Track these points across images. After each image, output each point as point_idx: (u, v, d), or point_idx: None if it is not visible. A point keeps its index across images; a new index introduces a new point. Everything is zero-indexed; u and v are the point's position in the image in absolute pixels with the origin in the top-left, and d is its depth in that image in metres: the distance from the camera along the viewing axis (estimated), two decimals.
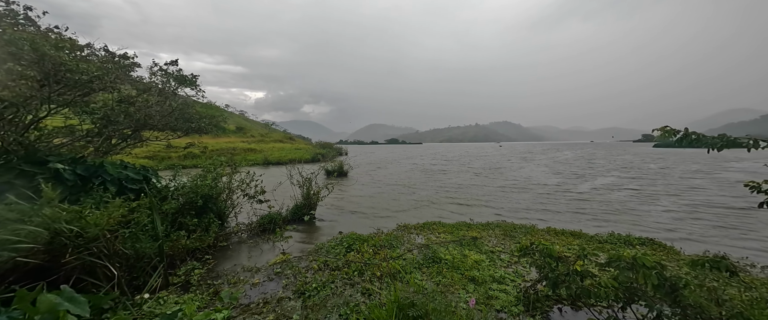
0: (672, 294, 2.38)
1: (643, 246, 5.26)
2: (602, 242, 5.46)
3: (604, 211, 8.60)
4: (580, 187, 12.93)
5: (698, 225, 6.99)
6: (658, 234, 6.13)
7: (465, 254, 4.65)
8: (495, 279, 3.88)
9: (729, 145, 2.85)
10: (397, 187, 13.29)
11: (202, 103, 8.85)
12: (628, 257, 2.61)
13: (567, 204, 9.55)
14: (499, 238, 5.77)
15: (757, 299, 2.43)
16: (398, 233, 6.10)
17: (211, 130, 7.51)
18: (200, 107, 8.01)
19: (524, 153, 49.22)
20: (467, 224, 6.83)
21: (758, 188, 2.83)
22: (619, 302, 2.65)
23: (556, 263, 3.03)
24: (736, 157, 26.50)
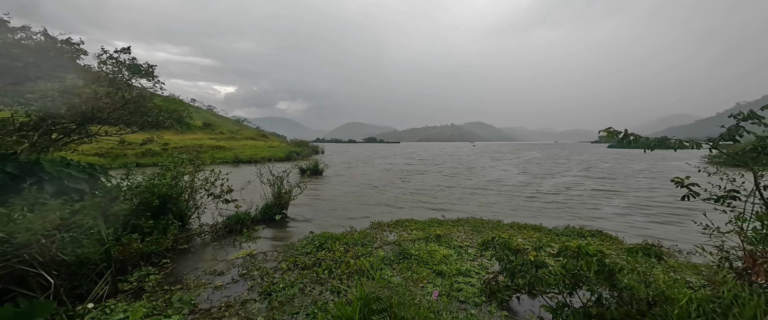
0: (610, 279, 2.65)
1: (593, 237, 5.77)
2: (559, 234, 5.90)
3: (563, 206, 9.30)
4: (544, 185, 13.86)
5: (641, 217, 7.81)
6: (607, 226, 6.77)
7: (434, 249, 4.80)
8: (461, 272, 4.05)
9: (659, 145, 3.23)
10: (373, 186, 13.33)
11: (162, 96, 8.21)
12: (574, 247, 2.87)
13: (531, 201, 10.19)
14: (468, 233, 6.02)
15: (677, 280, 2.78)
16: (371, 231, 6.13)
17: (172, 126, 7.01)
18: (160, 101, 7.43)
19: (495, 152, 51.64)
20: (439, 221, 7.04)
21: (681, 183, 3.23)
22: (568, 288, 2.90)
23: (513, 255, 3.24)
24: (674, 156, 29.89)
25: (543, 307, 3.01)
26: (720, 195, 3.01)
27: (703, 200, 3.14)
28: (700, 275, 2.98)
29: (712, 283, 2.58)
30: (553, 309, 2.79)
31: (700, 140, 3.17)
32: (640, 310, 2.42)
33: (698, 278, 3.00)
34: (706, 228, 3.06)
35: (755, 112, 2.85)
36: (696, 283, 2.75)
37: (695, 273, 3.31)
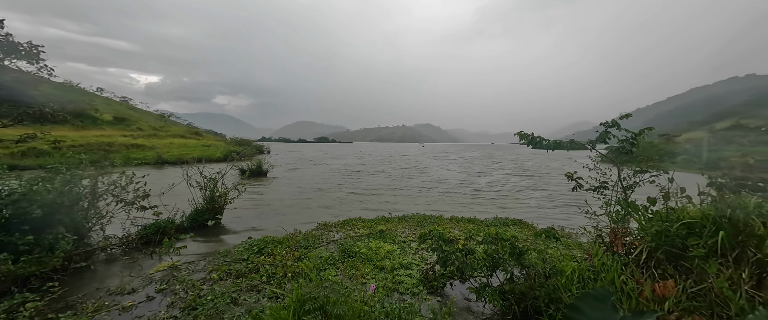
0: (519, 259, 3.13)
1: (515, 225, 6.68)
2: (488, 225, 6.67)
3: (495, 200, 10.51)
4: (480, 182, 15.43)
5: (552, 207, 9.33)
6: (527, 215, 7.90)
7: (379, 246, 4.94)
8: (403, 265, 4.27)
9: (557, 147, 3.91)
10: (321, 187, 13.01)
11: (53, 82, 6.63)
12: (493, 233, 3.31)
13: (469, 196, 11.26)
14: (412, 229, 6.35)
15: (567, 255, 3.43)
16: (317, 232, 5.99)
17: (66, 120, 5.74)
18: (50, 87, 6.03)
19: (442, 152, 55.39)
20: (385, 218, 7.26)
21: (571, 177, 3.97)
22: (489, 270, 3.31)
23: (446, 245, 3.56)
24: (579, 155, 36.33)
25: (469, 289, 3.38)
26: (596, 186, 3.81)
27: (586, 190, 3.93)
28: (582, 250, 3.74)
29: (590, 255, 3.26)
30: (477, 290, 3.16)
31: (583, 142, 3.94)
32: (539, 283, 2.91)
33: (581, 252, 3.76)
34: (587, 213, 3.84)
35: (616, 121, 3.68)
36: (579, 257, 3.43)
37: (580, 249, 4.12)
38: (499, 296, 2.94)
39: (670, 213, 2.97)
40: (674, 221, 2.90)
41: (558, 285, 2.80)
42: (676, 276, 2.67)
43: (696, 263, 2.60)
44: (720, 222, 2.65)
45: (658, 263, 2.86)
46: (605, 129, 3.74)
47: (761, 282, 2.49)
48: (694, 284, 2.52)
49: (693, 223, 2.83)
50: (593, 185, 3.85)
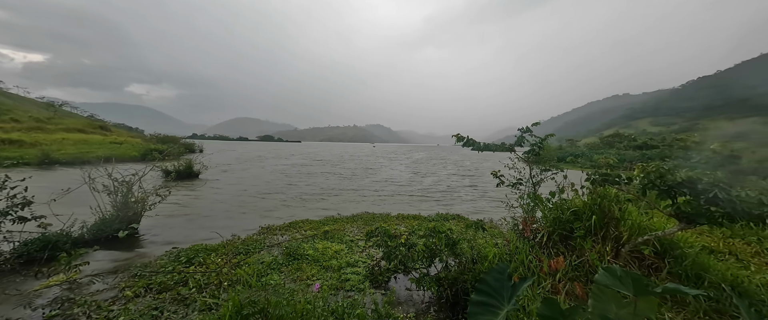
0: (453, 248, 3.53)
1: (453, 219, 7.37)
2: (430, 220, 7.21)
3: (438, 197, 11.37)
4: (426, 181, 16.47)
5: (484, 202, 10.54)
6: (464, 210, 8.79)
7: (326, 246, 4.92)
8: (350, 264, 4.35)
9: (486, 148, 4.48)
10: (265, 188, 12.18)
11: None
12: (431, 227, 3.65)
13: (415, 194, 11.93)
14: (360, 227, 6.47)
15: (490, 243, 3.98)
16: (259, 237, 5.64)
17: None
18: None
19: (392, 153, 57.05)
20: (334, 218, 7.23)
21: (496, 175, 4.59)
22: (427, 261, 3.64)
23: (391, 240, 3.78)
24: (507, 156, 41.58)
25: (410, 280, 3.66)
26: (513, 183, 4.51)
27: (506, 186, 4.61)
28: (503, 237, 4.39)
29: (507, 241, 3.86)
30: (417, 280, 3.44)
31: (507, 145, 4.59)
32: (468, 268, 3.33)
33: (501, 240, 4.41)
34: (507, 206, 4.52)
35: (529, 128, 4.41)
36: (500, 243, 4.02)
37: (501, 237, 4.83)
38: (435, 283, 3.26)
39: (562, 204, 3.73)
40: (566, 209, 3.66)
41: (482, 268, 3.25)
42: (566, 253, 3.38)
43: (578, 242, 3.33)
44: (593, 209, 3.44)
45: (554, 243, 3.57)
46: (521, 134, 4.46)
47: (618, 253, 3.32)
48: (577, 258, 3.23)
49: (578, 211, 3.61)
50: (511, 182, 4.54)
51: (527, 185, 4.48)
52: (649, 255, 3.15)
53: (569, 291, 2.77)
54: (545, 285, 2.93)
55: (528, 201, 4.23)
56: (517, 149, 4.60)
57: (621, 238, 3.33)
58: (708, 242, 3.92)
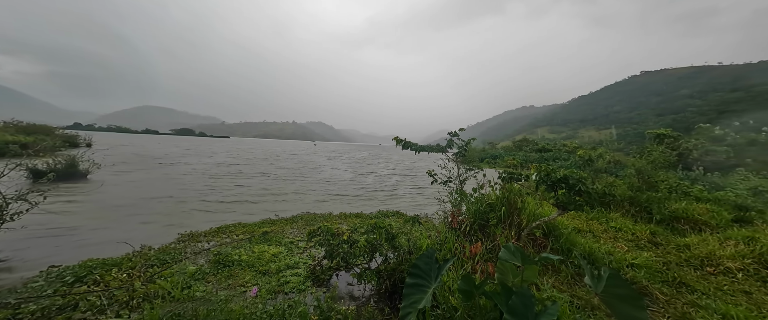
0: (392, 242, 3.81)
1: (393, 216, 7.80)
2: (372, 217, 7.49)
3: (379, 196, 11.77)
4: (368, 180, 16.82)
5: (424, 199, 11.42)
6: (403, 207, 9.37)
7: (263, 250, 4.64)
8: (290, 266, 4.22)
9: (422, 149, 4.92)
10: (181, 191, 10.57)
11: None
12: (372, 224, 3.86)
13: (357, 193, 12.10)
14: (301, 228, 6.28)
15: (424, 235, 4.43)
16: (178, 245, 4.93)
17: None
18: None
19: (334, 152, 56.08)
20: (271, 221, 6.81)
21: (430, 173, 5.09)
22: (369, 256, 3.83)
23: (333, 238, 3.83)
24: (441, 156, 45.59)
25: (352, 275, 3.79)
26: (444, 180, 5.09)
27: (439, 184, 5.16)
28: (435, 229, 4.94)
29: (439, 233, 4.36)
30: (358, 275, 3.60)
31: (440, 146, 5.12)
32: (405, 259, 3.65)
33: (434, 231, 4.95)
34: (439, 201, 5.08)
35: (457, 132, 5.03)
36: (433, 234, 4.51)
37: (434, 229, 5.40)
38: (376, 276, 3.47)
39: (481, 198, 4.42)
40: (483, 203, 4.34)
41: (416, 256, 3.61)
42: (483, 239, 4.03)
43: (492, 229, 4.01)
44: (503, 202, 4.19)
45: (474, 232, 4.20)
46: (451, 137, 5.07)
47: (519, 236, 4.12)
48: (490, 242, 3.89)
49: (492, 203, 4.33)
50: (442, 180, 5.12)
51: (455, 182, 5.11)
52: (539, 236, 4.02)
53: (484, 270, 3.33)
54: (467, 267, 3.46)
55: (456, 197, 4.84)
56: (449, 150, 5.21)
57: (522, 224, 4.16)
58: (577, 224, 5.20)
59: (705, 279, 3.46)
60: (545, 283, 2.91)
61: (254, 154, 34.43)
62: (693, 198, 6.95)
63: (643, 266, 3.62)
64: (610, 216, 5.63)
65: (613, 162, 10.47)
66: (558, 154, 33.50)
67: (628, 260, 3.73)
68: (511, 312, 1.28)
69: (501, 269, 2.14)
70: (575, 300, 2.72)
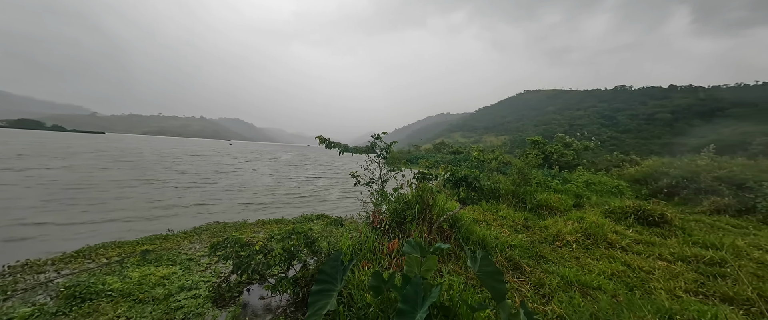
0: (312, 246, 3.69)
1: (318, 219, 7.57)
2: (294, 222, 7.09)
3: (304, 199, 11.22)
4: (292, 183, 15.82)
5: (350, 200, 11.44)
6: (328, 209, 9.19)
7: (147, 273, 3.78)
8: (185, 288, 3.57)
9: (346, 150, 4.93)
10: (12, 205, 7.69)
11: None
12: (290, 229, 3.65)
13: (279, 198, 11.23)
14: (205, 242, 5.40)
15: (346, 236, 4.46)
16: (3, 281, 3.53)
17: None
18: None
19: (254, 152, 50.50)
20: (163, 236, 5.62)
21: (353, 175, 5.15)
22: (286, 264, 3.60)
23: (242, 249, 3.44)
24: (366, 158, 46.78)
25: (265, 287, 3.49)
26: (367, 181, 5.25)
27: (362, 184, 5.28)
28: (358, 229, 5.05)
29: (361, 232, 4.47)
30: (273, 286, 3.34)
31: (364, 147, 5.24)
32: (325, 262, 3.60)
33: (356, 232, 5.06)
34: (362, 202, 5.21)
35: (379, 135, 5.26)
36: (355, 235, 4.59)
37: (356, 230, 5.52)
38: (292, 284, 3.30)
39: (400, 197, 4.75)
40: (401, 201, 4.68)
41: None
42: (400, 236, 4.33)
43: (408, 225, 4.36)
44: (418, 200, 4.61)
45: (393, 229, 4.48)
46: (374, 140, 5.26)
47: (431, 230, 4.60)
48: (407, 238, 4.22)
49: (409, 202, 4.71)
50: (365, 181, 5.26)
51: (378, 183, 5.34)
52: (446, 228, 4.60)
53: (399, 265, 3.59)
54: (384, 264, 3.65)
55: (377, 197, 5.05)
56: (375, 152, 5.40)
57: (433, 219, 4.67)
58: (476, 215, 6.18)
59: (555, 251, 4.64)
60: (445, 269, 3.36)
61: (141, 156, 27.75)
62: (552, 190, 9.22)
63: (517, 245, 4.59)
64: (499, 208, 6.93)
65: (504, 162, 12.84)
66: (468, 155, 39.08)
67: (509, 242, 4.67)
68: (405, 300, 1.42)
69: (408, 262, 2.35)
70: (468, 280, 3.23)
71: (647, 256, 4.38)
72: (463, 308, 1.88)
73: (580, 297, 2.98)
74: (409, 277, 1.67)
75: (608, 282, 3.43)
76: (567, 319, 2.54)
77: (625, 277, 3.64)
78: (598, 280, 3.42)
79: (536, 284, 3.42)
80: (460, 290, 2.62)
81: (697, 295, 3.23)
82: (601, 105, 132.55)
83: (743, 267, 3.91)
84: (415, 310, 1.39)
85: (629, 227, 5.80)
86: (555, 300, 2.94)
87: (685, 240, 5.14)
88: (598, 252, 4.55)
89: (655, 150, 52.60)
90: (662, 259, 4.27)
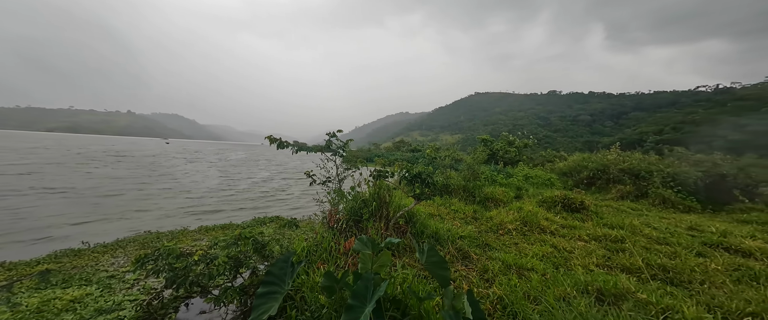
0: (261, 252, 3.47)
1: (272, 222, 7.13)
2: (244, 227, 6.58)
3: (256, 201, 10.46)
4: (241, 184, 14.64)
5: (306, 199, 11.02)
6: (284, 211, 8.73)
7: (50, 298, 3.14)
8: (104, 310, 3.06)
9: (300, 149, 4.73)
10: None
11: None
12: (237, 234, 3.38)
13: (225, 201, 10.30)
14: (132, 255, 4.69)
15: (301, 237, 4.31)
16: None
17: None
18: None
19: (195, 152, 45.44)
20: (75, 251, 4.72)
21: (309, 174, 4.98)
22: (232, 272, 3.32)
23: (177, 261, 3.07)
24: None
25: (207, 300, 3.18)
26: (323, 181, 5.12)
27: (318, 184, 5.13)
28: (313, 231, 4.91)
29: (316, 233, 4.34)
30: (216, 297, 3.05)
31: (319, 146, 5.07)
32: None
33: (312, 233, 4.92)
34: (318, 202, 5.06)
35: (335, 133, 5.16)
36: (310, 236, 4.45)
37: (312, 230, 5.37)
38: (238, 294, 3.06)
39: (356, 195, 4.74)
40: (358, 199, 4.67)
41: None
42: (357, 234, 4.33)
43: (364, 223, 4.37)
44: (374, 197, 4.65)
45: (350, 228, 4.46)
46: (329, 138, 5.14)
47: (388, 226, 4.69)
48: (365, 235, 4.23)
49: (366, 199, 4.72)
50: (322, 180, 5.13)
51: (334, 182, 5.24)
52: (402, 223, 4.74)
53: (356, 263, 3.58)
54: (340, 263, 3.62)
55: (334, 196, 4.96)
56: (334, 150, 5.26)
57: (390, 216, 4.76)
58: (431, 210, 6.49)
59: (498, 239, 5.13)
60: (400, 263, 3.47)
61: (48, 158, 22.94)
62: (498, 184, 10.15)
63: (467, 236, 4.95)
64: (452, 202, 7.39)
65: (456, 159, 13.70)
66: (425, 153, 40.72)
67: (459, 233, 5.01)
68: (354, 296, 1.43)
69: (362, 259, 2.36)
70: (420, 272, 3.39)
71: (570, 238, 5.11)
72: (413, 299, 1.96)
73: (516, 279, 3.34)
74: (360, 274, 1.67)
75: (540, 262, 3.91)
76: (505, 299, 2.83)
77: (552, 258, 4.20)
78: (531, 262, 3.88)
79: (481, 270, 3.73)
80: (410, 282, 2.73)
81: (605, 268, 3.88)
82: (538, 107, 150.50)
83: (637, 243, 4.81)
84: (364, 305, 1.40)
85: (557, 214, 6.69)
86: (496, 283, 3.25)
87: (597, 222, 6.12)
88: (533, 237, 5.15)
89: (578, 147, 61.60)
90: (581, 240, 5.03)
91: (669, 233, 5.41)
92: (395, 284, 2.44)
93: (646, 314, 2.41)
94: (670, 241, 4.94)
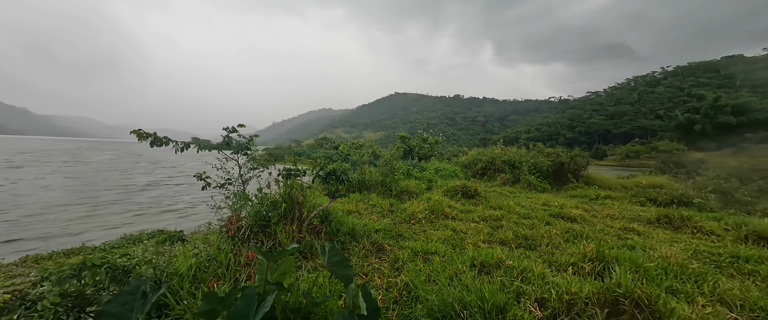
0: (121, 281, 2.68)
1: (152, 237, 5.70)
2: (103, 249, 5.03)
3: (129, 215, 8.19)
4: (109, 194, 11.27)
5: (205, 207, 9.31)
6: (171, 222, 7.13)
7: None
8: None
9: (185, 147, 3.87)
10: None
11: None
12: (79, 262, 2.49)
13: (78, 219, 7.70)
14: None
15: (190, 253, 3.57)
16: None
17: None
18: None
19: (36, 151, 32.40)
20: None
21: (200, 177, 4.17)
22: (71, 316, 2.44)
23: None
24: None
25: None
26: (222, 183, 4.39)
27: (213, 188, 4.36)
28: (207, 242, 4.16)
29: (210, 244, 3.68)
30: None
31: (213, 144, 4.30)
32: None
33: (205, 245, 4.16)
34: (213, 208, 4.31)
35: (235, 128, 4.48)
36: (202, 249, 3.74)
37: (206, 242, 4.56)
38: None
39: (264, 197, 4.26)
40: (266, 202, 4.21)
41: (171, 288, 2.79)
42: (264, 240, 3.90)
43: (273, 227, 3.98)
44: (285, 198, 4.29)
45: (256, 234, 3.97)
46: (228, 134, 4.43)
47: (301, 228, 4.40)
48: (272, 242, 3.84)
49: (275, 201, 4.30)
50: (219, 183, 4.38)
51: (236, 184, 4.56)
52: (317, 223, 4.54)
53: None
54: (242, 277, 3.17)
55: (236, 200, 4.32)
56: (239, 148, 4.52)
57: (303, 217, 4.48)
58: (349, 207, 6.49)
59: (410, 229, 5.57)
60: (308, 266, 3.31)
61: None
62: (412, 177, 11.06)
63: (382, 229, 5.17)
64: (370, 197, 7.60)
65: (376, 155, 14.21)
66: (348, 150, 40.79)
67: (375, 227, 5.18)
68: (233, 318, 1.22)
69: (258, 270, 2.09)
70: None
71: (466, 221, 6.01)
72: (311, 305, 1.85)
73: (422, 264, 3.67)
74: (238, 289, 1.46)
75: (442, 246, 4.42)
76: (411, 284, 3.06)
77: (452, 240, 4.82)
78: (435, 246, 4.34)
79: (393, 260, 3.94)
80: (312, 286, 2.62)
81: (488, 243, 4.71)
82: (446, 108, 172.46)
83: (510, 219, 6.06)
84: None
85: (458, 201, 7.77)
86: (405, 270, 3.49)
87: (486, 205, 7.42)
88: (438, 224, 5.81)
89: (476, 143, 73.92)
90: (473, 221, 5.97)
91: (531, 209, 7.04)
92: (298, 292, 2.28)
93: (510, 276, 3.03)
94: (531, 215, 6.44)
